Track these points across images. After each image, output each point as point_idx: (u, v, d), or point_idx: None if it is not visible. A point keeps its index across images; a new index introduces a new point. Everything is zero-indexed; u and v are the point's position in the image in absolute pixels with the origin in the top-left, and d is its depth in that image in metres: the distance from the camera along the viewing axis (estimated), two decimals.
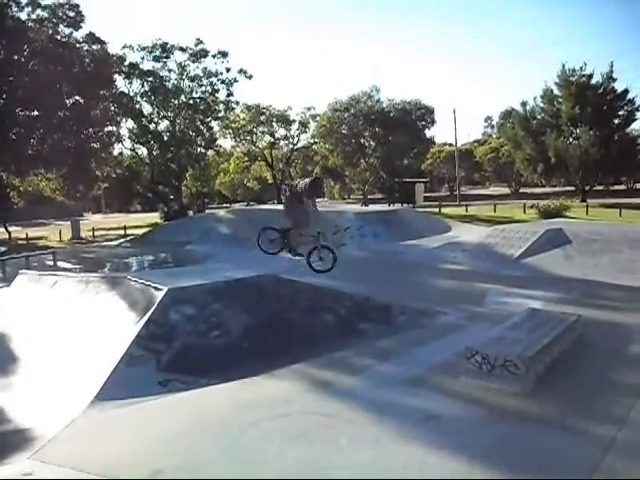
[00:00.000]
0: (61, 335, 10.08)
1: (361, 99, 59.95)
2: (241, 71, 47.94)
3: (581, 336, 9.37)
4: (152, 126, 47.06)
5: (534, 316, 9.54)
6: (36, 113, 35.59)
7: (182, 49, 45.78)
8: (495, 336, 8.39)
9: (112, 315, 10.05)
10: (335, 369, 8.41)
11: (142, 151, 49.25)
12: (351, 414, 6.65)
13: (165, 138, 46.89)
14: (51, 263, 22.74)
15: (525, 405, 6.77)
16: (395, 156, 60.80)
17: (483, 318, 11.21)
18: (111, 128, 41.86)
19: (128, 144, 48.19)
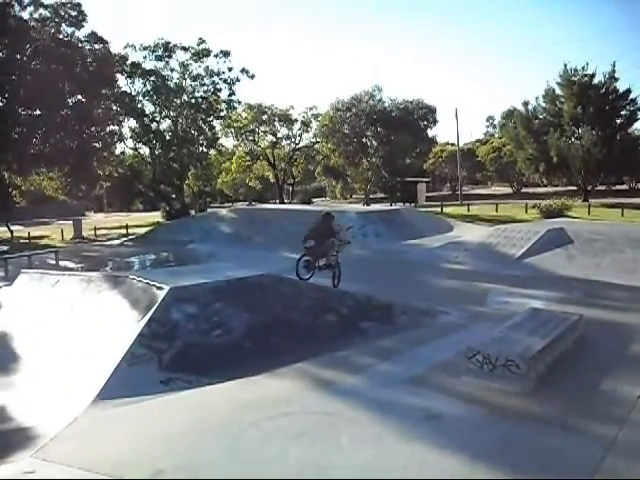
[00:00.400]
0: (63, 334, 10.09)
1: (363, 99, 59.88)
2: (243, 70, 48.00)
3: (583, 336, 9.38)
4: (154, 125, 47.09)
5: (536, 316, 9.54)
6: (38, 112, 35.59)
7: (184, 48, 45.80)
8: (497, 336, 8.38)
9: (114, 314, 10.05)
10: (337, 368, 8.41)
11: (144, 150, 49.35)
12: (352, 413, 6.65)
13: (167, 137, 46.88)
14: (53, 262, 22.75)
15: (526, 405, 6.77)
16: (397, 156, 60.74)
17: (485, 318, 11.23)
18: (113, 127, 41.93)
19: (130, 143, 48.34)
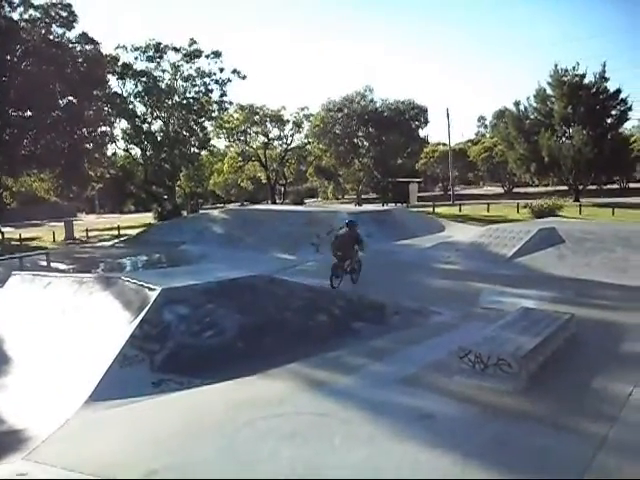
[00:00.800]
0: (55, 336, 10.05)
1: (354, 99, 60.01)
2: (235, 71, 48.14)
3: (574, 335, 9.42)
4: (145, 126, 47.11)
5: (527, 315, 9.57)
6: (29, 113, 35.53)
7: (176, 49, 45.86)
8: (488, 335, 8.41)
9: (106, 315, 10.03)
10: (329, 368, 8.42)
11: (136, 151, 49.41)
12: (345, 413, 6.66)
13: (159, 138, 46.88)
14: (45, 264, 22.69)
15: (518, 404, 6.79)
16: (389, 156, 60.86)
17: (477, 317, 11.26)
18: (104, 128, 41.87)
19: (122, 144, 48.39)
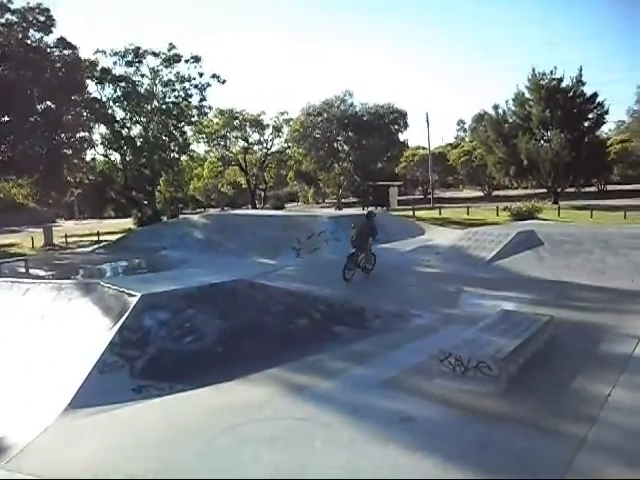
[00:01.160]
0: (33, 343, 9.93)
1: (334, 103, 60.24)
2: (214, 76, 47.89)
3: (553, 336, 9.49)
4: (125, 131, 46.76)
5: (507, 317, 9.63)
6: (7, 118, 35.06)
7: (155, 54, 45.57)
8: (468, 338, 8.45)
9: (85, 322, 9.94)
10: (310, 373, 8.40)
11: (115, 157, 48.86)
12: (326, 417, 6.65)
13: (138, 143, 46.56)
14: (23, 270, 22.40)
15: (499, 406, 6.82)
16: (369, 160, 61.13)
17: (457, 320, 11.29)
18: (83, 134, 41.31)
19: (101, 150, 47.83)
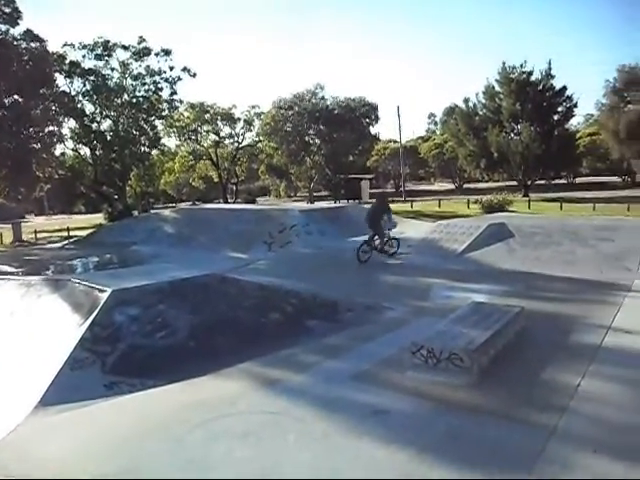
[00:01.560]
0: (2, 340, 9.76)
1: (305, 97, 60.21)
2: (185, 69, 47.66)
3: (524, 327, 9.56)
4: (95, 126, 46.25)
5: (478, 309, 9.67)
6: None
7: (124, 47, 45.14)
8: (440, 330, 8.47)
9: (55, 318, 9.77)
10: (282, 367, 8.36)
11: (85, 151, 48.41)
12: (299, 411, 6.63)
13: (108, 138, 46.10)
14: None
15: (471, 397, 6.86)
16: (340, 153, 61.26)
17: (429, 312, 11.32)
18: (52, 128, 40.71)
19: (70, 144, 47.31)
